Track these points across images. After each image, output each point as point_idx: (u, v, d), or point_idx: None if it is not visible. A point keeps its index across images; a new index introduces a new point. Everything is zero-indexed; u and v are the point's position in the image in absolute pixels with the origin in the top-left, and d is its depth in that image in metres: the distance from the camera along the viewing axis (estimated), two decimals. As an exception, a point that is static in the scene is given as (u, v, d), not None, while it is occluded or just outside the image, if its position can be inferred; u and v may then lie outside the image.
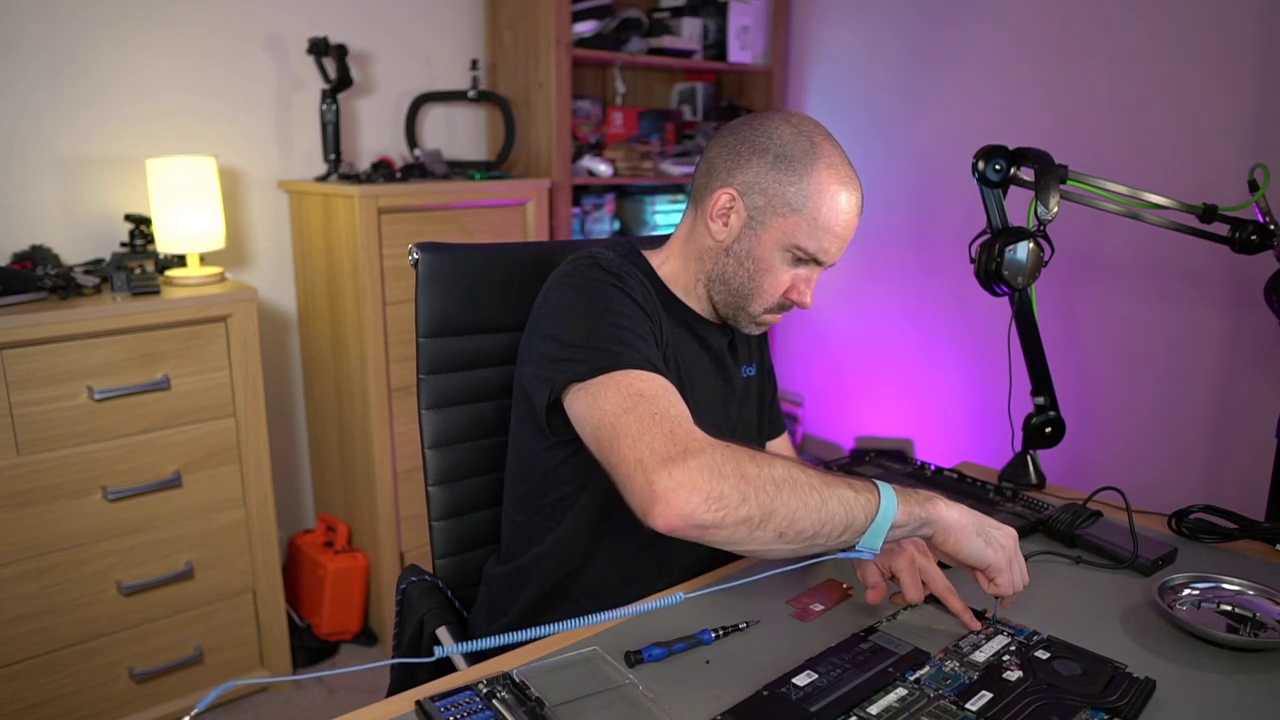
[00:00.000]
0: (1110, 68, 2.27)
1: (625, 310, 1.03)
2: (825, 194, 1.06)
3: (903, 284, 2.84)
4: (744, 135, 1.10)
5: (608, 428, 0.92)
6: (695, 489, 0.83)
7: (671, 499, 0.83)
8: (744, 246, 1.10)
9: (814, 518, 0.86)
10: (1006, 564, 0.95)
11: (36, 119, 2.02)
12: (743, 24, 2.92)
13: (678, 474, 0.84)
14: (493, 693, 0.84)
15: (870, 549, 0.90)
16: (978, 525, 0.95)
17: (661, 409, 0.91)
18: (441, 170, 2.41)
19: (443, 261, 1.24)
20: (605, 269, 1.07)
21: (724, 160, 1.10)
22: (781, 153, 1.07)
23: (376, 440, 2.23)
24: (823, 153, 1.07)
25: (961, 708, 0.83)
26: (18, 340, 1.70)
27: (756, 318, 1.15)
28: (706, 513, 0.83)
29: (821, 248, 1.08)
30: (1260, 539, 1.23)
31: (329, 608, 2.33)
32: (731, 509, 0.84)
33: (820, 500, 0.87)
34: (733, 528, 0.85)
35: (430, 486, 1.27)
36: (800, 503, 0.86)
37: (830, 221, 1.07)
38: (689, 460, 0.85)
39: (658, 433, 0.88)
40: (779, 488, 0.86)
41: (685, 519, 0.83)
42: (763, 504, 0.85)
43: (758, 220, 1.09)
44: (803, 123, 1.09)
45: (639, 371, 0.95)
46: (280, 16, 2.31)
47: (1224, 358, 2.14)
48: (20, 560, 1.77)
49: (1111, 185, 1.41)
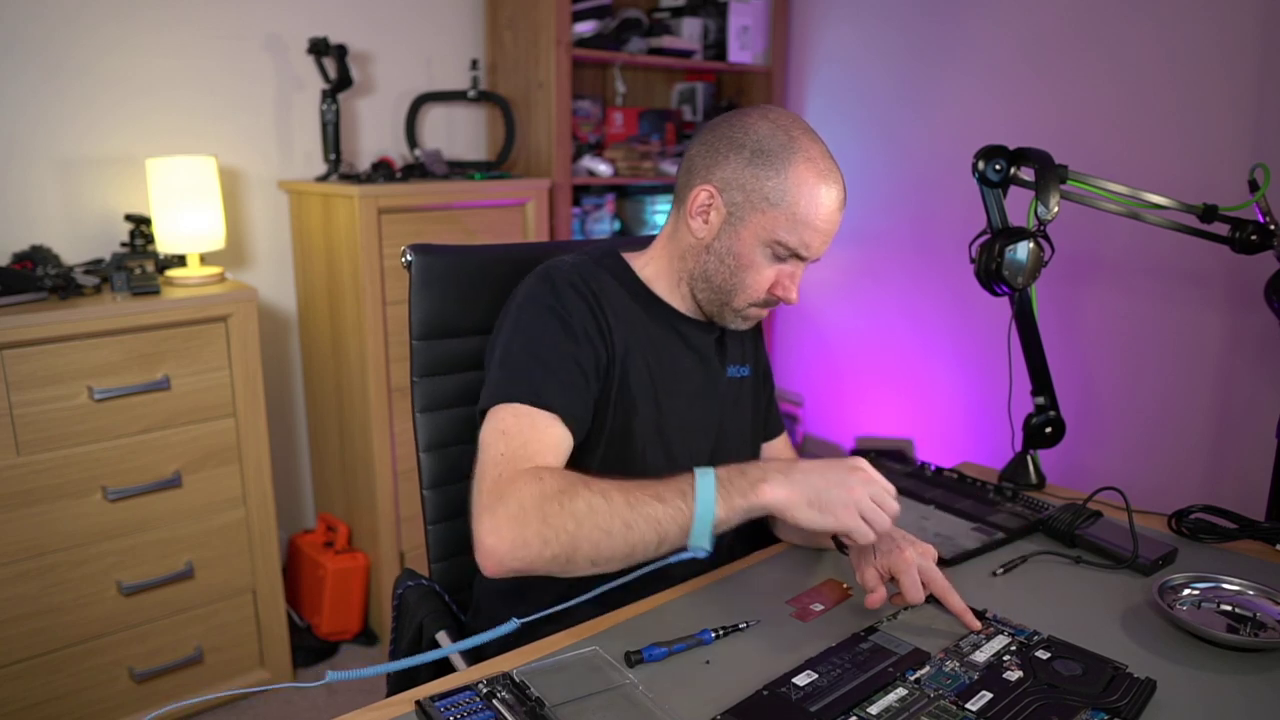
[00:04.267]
0: (1111, 67, 2.27)
1: (548, 338, 1.05)
2: (803, 188, 1.05)
3: (903, 284, 2.84)
4: (722, 132, 1.10)
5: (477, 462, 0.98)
6: (501, 538, 0.89)
7: (484, 547, 0.90)
8: (724, 243, 1.10)
9: (619, 543, 0.89)
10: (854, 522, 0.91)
11: (36, 119, 2.02)
12: (743, 24, 2.92)
13: (488, 522, 0.90)
14: (493, 693, 0.84)
15: (700, 549, 0.90)
16: (809, 496, 0.91)
17: (512, 449, 0.96)
18: (441, 170, 2.41)
19: (436, 263, 1.23)
20: (551, 287, 1.08)
21: (702, 158, 1.10)
22: (758, 148, 1.06)
23: (376, 440, 2.23)
24: (800, 146, 1.06)
25: (961, 708, 0.83)
26: (18, 340, 1.70)
27: (741, 313, 1.14)
28: (514, 559, 0.89)
29: (802, 242, 1.07)
30: (1260, 539, 1.23)
31: (329, 608, 2.33)
32: (535, 552, 0.89)
33: (624, 526, 0.89)
34: (547, 565, 0.90)
35: (426, 490, 1.27)
36: (603, 534, 0.89)
37: (810, 215, 1.06)
38: (498, 508, 0.90)
39: (488, 478, 0.94)
40: (579, 523, 0.89)
41: (498, 565, 0.90)
42: (564, 543, 0.89)
43: (737, 216, 1.08)
44: (781, 118, 1.08)
45: (522, 406, 1.00)
46: (280, 16, 2.31)
47: (1224, 358, 2.14)
48: (20, 560, 1.77)
49: (1111, 185, 1.41)
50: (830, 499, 0.91)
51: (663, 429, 1.13)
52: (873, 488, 0.93)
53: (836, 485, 0.91)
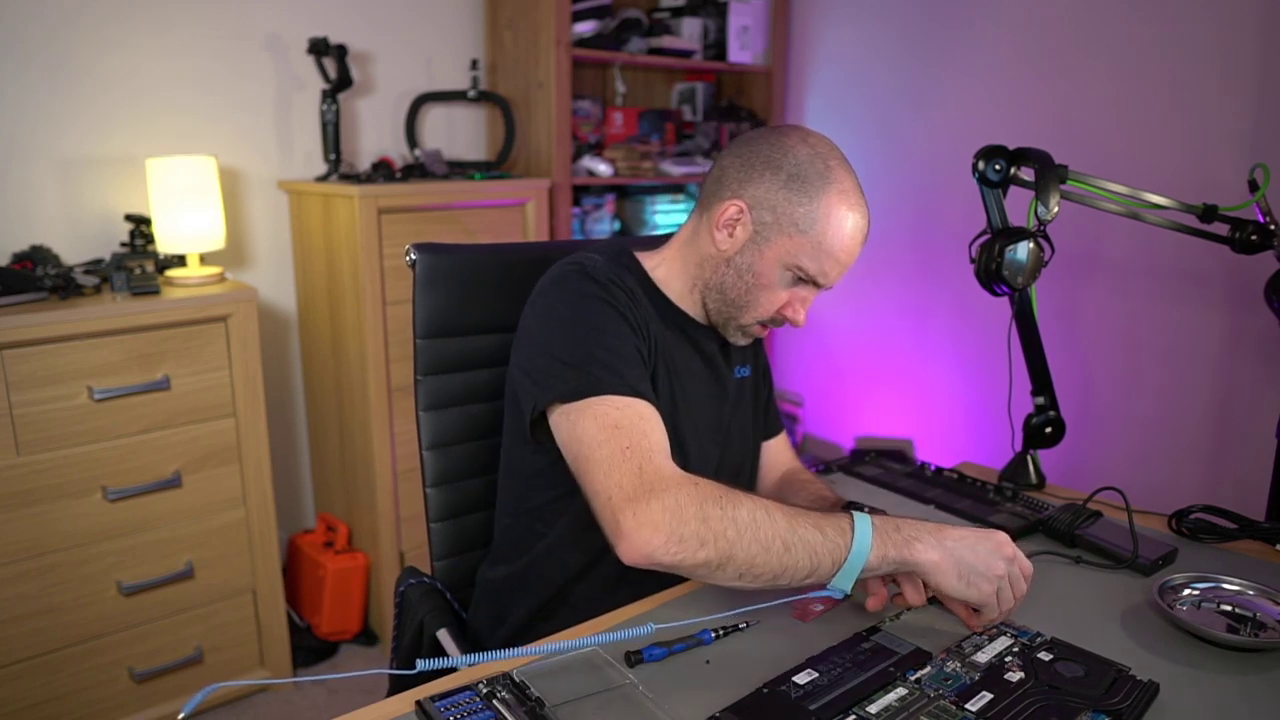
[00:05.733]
0: (1110, 68, 2.27)
1: (611, 328, 1.04)
2: (833, 218, 1.06)
3: (903, 284, 2.84)
4: (760, 149, 1.09)
5: (584, 459, 0.96)
6: (657, 530, 0.87)
7: (634, 538, 0.88)
8: (746, 260, 1.10)
9: (775, 564, 0.89)
10: (991, 598, 0.94)
11: (36, 119, 2.02)
12: (743, 24, 2.92)
13: (641, 514, 0.88)
14: (493, 693, 0.84)
15: (840, 590, 0.92)
16: (959, 567, 0.93)
17: (634, 441, 0.94)
18: (441, 170, 2.41)
19: (440, 262, 1.23)
20: (594, 279, 1.07)
21: (736, 171, 1.10)
22: (795, 172, 1.07)
23: (376, 440, 2.23)
24: (836, 177, 1.07)
25: (961, 708, 0.83)
26: (18, 340, 1.70)
27: (746, 329, 1.15)
28: (666, 554, 0.88)
29: (822, 270, 1.09)
30: (1260, 539, 1.23)
31: (329, 608, 2.33)
32: (690, 552, 0.88)
33: (783, 546, 0.89)
34: (692, 568, 0.89)
35: (428, 488, 1.27)
36: (761, 549, 0.89)
37: (835, 246, 1.07)
38: (653, 500, 0.89)
39: (627, 469, 0.92)
40: (740, 533, 0.88)
41: (646, 558, 0.88)
42: (721, 549, 0.88)
43: (763, 236, 1.09)
44: (820, 145, 1.09)
45: (618, 398, 0.98)
46: (280, 16, 2.31)
47: (1224, 358, 2.14)
48: (20, 560, 1.77)
49: (1111, 185, 1.41)
50: (977, 574, 0.93)
51: (678, 430, 1.14)
52: (1013, 568, 0.95)
53: (985, 562, 0.94)
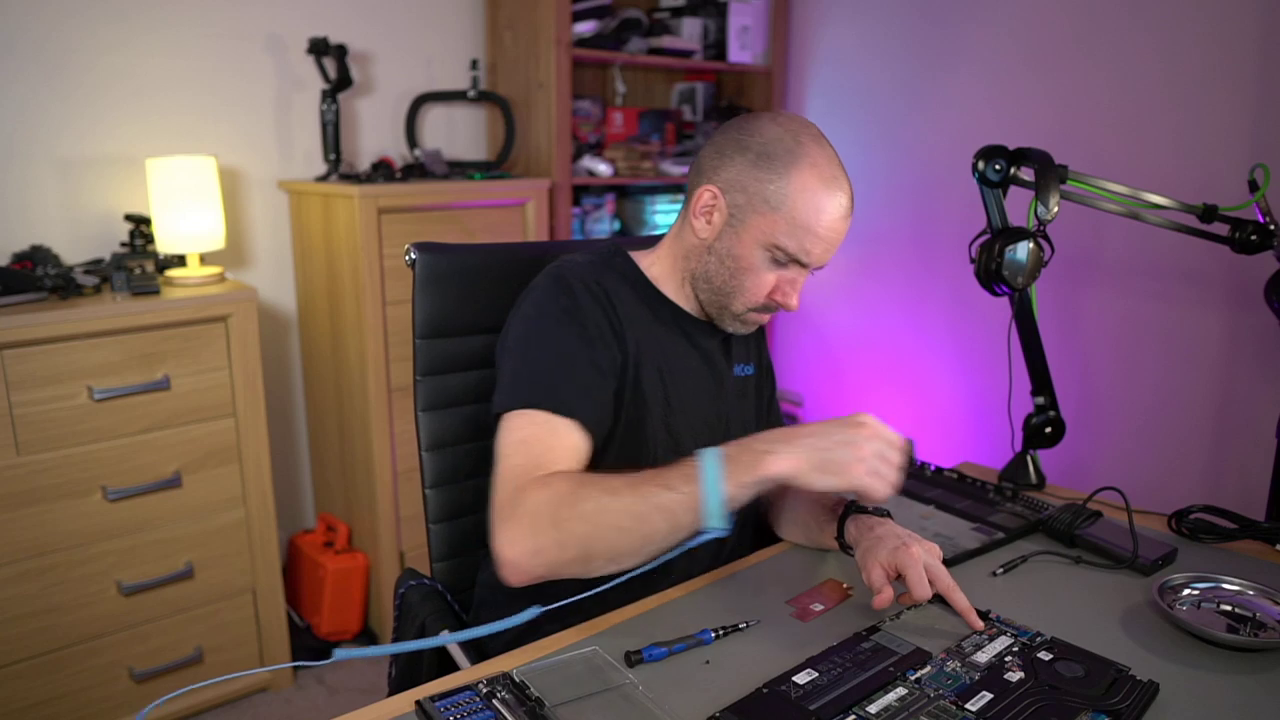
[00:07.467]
0: (1110, 67, 2.27)
1: (566, 343, 1.05)
2: (804, 193, 1.05)
3: (903, 284, 2.84)
4: (730, 133, 1.10)
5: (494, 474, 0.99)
6: (515, 546, 0.91)
7: (503, 560, 0.91)
8: (725, 245, 1.10)
9: (635, 538, 0.90)
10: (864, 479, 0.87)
11: (36, 119, 2.02)
12: (743, 24, 2.92)
13: (504, 534, 0.92)
14: (493, 693, 0.84)
15: (718, 529, 0.88)
16: (814, 459, 0.88)
17: (531, 457, 0.96)
18: (441, 170, 2.41)
19: (440, 262, 1.23)
20: (568, 289, 1.07)
21: (710, 158, 1.11)
22: (763, 150, 1.06)
23: (376, 440, 2.23)
24: (806, 152, 1.05)
25: (961, 708, 0.83)
26: (18, 340, 1.70)
27: (740, 316, 1.15)
28: (534, 567, 0.91)
29: (802, 248, 1.07)
30: (1260, 539, 1.23)
31: (329, 608, 2.33)
32: (553, 558, 0.90)
33: (635, 519, 0.89)
34: (567, 568, 0.91)
35: (427, 489, 1.27)
36: (615, 531, 0.90)
37: (810, 221, 1.05)
38: (512, 518, 0.92)
39: (506, 489, 0.95)
40: (592, 523, 0.90)
41: (521, 574, 0.91)
42: (579, 545, 0.90)
43: (738, 218, 1.09)
44: (790, 122, 1.08)
45: (539, 414, 1.00)
46: (280, 16, 2.31)
47: (1224, 358, 2.14)
48: (20, 560, 1.77)
49: (1111, 185, 1.41)
50: (837, 459, 0.87)
51: (673, 429, 1.14)
52: (877, 443, 0.89)
53: (842, 445, 0.88)
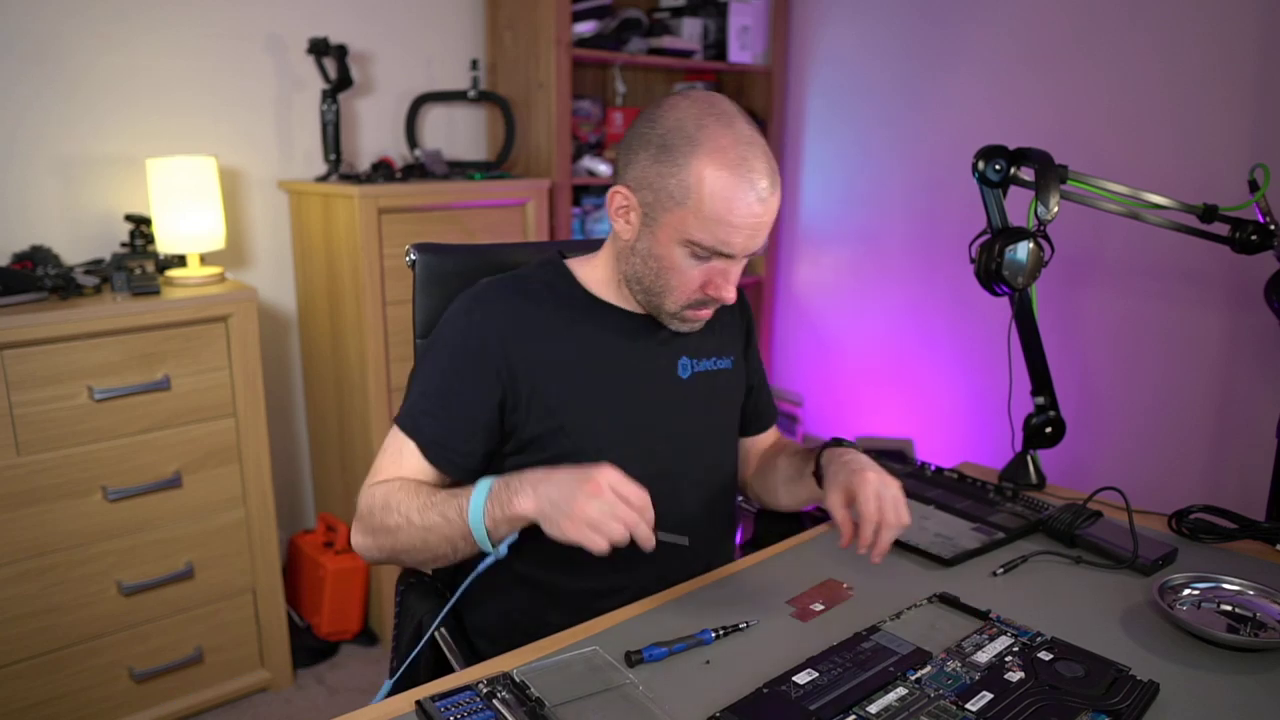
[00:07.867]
0: (1110, 68, 2.27)
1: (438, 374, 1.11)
2: (705, 183, 0.98)
3: (903, 284, 2.84)
4: (638, 127, 1.05)
5: None
6: (355, 539, 1.09)
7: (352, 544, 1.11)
8: (645, 245, 1.06)
9: (425, 554, 1.04)
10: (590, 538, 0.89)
11: (37, 119, 2.02)
12: (743, 24, 2.92)
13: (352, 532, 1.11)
14: (493, 693, 0.84)
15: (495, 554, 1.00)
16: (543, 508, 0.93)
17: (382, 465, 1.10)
18: (441, 170, 2.41)
19: (440, 262, 1.24)
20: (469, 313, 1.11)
21: (622, 156, 1.07)
22: (662, 143, 1.00)
23: (376, 440, 2.23)
24: (707, 136, 0.98)
25: (961, 708, 0.83)
26: (18, 340, 1.70)
27: (677, 315, 1.10)
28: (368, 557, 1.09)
29: (718, 240, 1.00)
30: (1260, 539, 1.23)
31: (329, 608, 2.33)
32: (376, 555, 1.08)
33: (422, 539, 1.03)
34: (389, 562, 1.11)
35: (428, 488, 1.27)
36: (412, 543, 1.04)
37: (720, 212, 0.98)
38: (356, 515, 1.10)
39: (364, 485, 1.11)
40: (394, 536, 1.04)
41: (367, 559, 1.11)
42: (388, 550, 1.07)
43: (651, 217, 1.04)
44: (694, 105, 1.01)
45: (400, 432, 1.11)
46: (280, 16, 2.31)
47: (1224, 358, 2.14)
48: (20, 560, 1.77)
49: (1111, 185, 1.41)
50: (560, 513, 0.91)
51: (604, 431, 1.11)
52: (599, 502, 0.89)
53: (568, 499, 0.90)
